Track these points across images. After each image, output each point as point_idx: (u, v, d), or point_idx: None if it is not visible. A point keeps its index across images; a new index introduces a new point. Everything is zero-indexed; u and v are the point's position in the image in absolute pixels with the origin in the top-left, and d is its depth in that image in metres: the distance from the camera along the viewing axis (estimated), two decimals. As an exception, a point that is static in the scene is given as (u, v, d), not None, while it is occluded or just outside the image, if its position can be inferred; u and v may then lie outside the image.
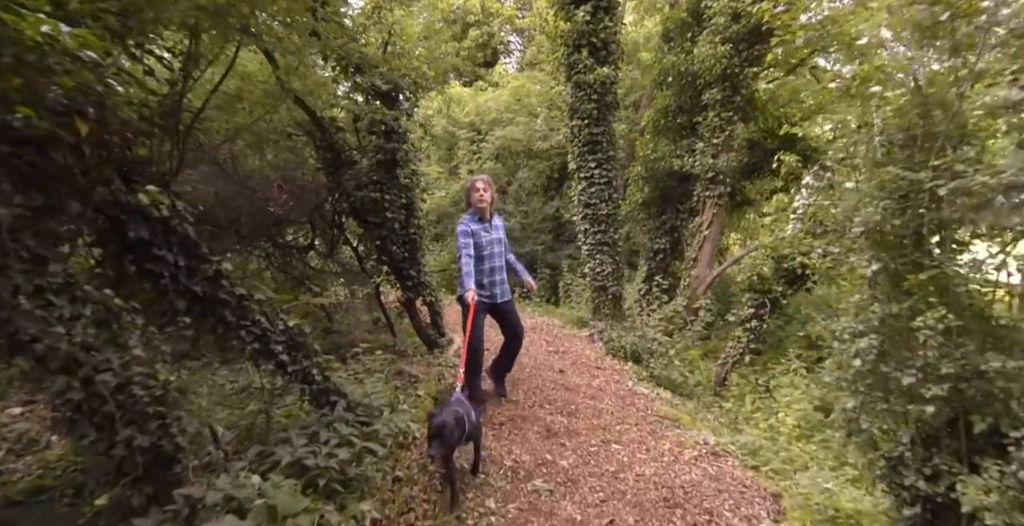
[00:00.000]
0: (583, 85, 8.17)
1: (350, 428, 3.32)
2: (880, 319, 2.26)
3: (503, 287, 4.63)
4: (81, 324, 2.08)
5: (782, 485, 3.76)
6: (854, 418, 2.47)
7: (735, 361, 7.05)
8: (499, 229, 4.62)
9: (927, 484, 2.21)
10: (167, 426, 2.22)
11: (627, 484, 3.74)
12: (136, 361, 2.21)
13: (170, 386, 2.29)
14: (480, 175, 4.45)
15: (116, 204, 2.50)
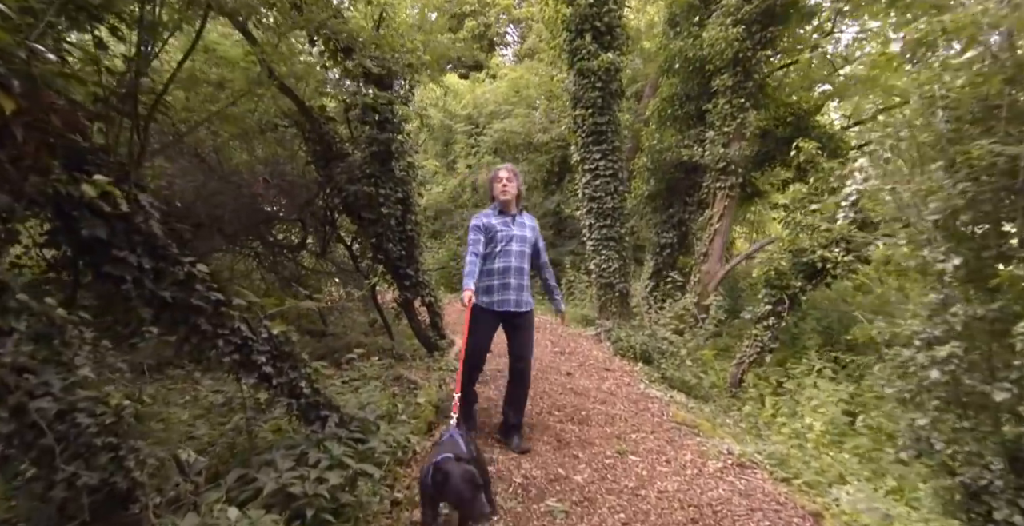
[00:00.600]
0: (587, 72, 7.81)
1: (343, 447, 2.98)
2: (963, 323, 1.92)
3: (519, 294, 3.73)
4: (13, 340, 1.73)
5: (820, 502, 3.43)
6: (924, 437, 2.13)
7: (752, 361, 6.73)
8: (527, 228, 3.84)
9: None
10: (121, 459, 1.88)
11: (649, 503, 3.42)
12: (82, 383, 1.87)
13: (124, 412, 1.94)
14: (504, 164, 3.86)
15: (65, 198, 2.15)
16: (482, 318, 3.68)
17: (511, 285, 3.69)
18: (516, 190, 3.79)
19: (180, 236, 2.91)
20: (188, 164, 5.10)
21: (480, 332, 3.73)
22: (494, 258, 3.68)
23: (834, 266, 6.01)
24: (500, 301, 3.69)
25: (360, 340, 6.56)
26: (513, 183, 3.76)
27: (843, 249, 5.98)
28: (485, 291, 3.70)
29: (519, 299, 3.73)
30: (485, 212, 3.82)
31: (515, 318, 3.80)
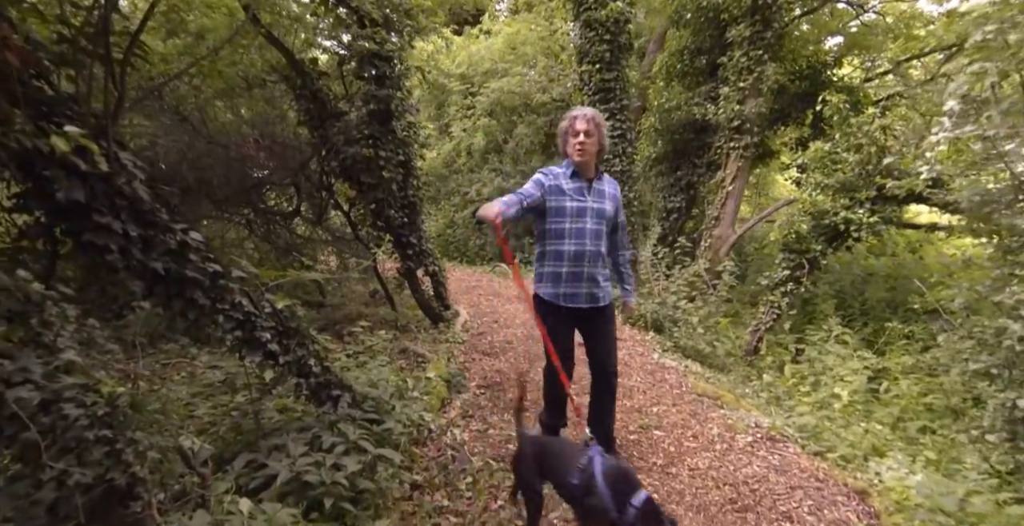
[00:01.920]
0: (593, 24, 7.38)
1: (358, 429, 2.78)
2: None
3: (593, 286, 2.86)
4: (-21, 322, 1.47)
5: (862, 478, 3.32)
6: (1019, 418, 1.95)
7: (767, 327, 6.60)
8: (606, 198, 2.85)
9: None
10: (118, 453, 1.65)
11: (682, 481, 3.28)
12: (68, 369, 1.62)
13: (118, 400, 1.70)
14: (582, 108, 2.81)
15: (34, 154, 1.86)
16: (552, 311, 2.86)
17: (583, 274, 2.82)
18: (597, 146, 2.79)
19: (166, 201, 2.62)
20: (170, 122, 4.73)
21: (560, 337, 2.89)
22: (563, 237, 2.79)
23: (858, 228, 5.81)
24: (568, 295, 2.84)
25: (360, 311, 6.34)
26: (594, 138, 2.74)
27: (868, 210, 5.78)
28: (551, 278, 2.86)
29: (594, 292, 2.87)
30: (554, 169, 2.85)
31: (594, 316, 2.95)
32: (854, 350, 5.53)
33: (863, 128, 5.60)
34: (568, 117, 2.83)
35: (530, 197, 2.66)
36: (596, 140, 2.77)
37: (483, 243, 14.07)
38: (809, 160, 6.67)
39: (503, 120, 14.34)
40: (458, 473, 3.19)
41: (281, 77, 5.07)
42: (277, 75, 5.07)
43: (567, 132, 2.81)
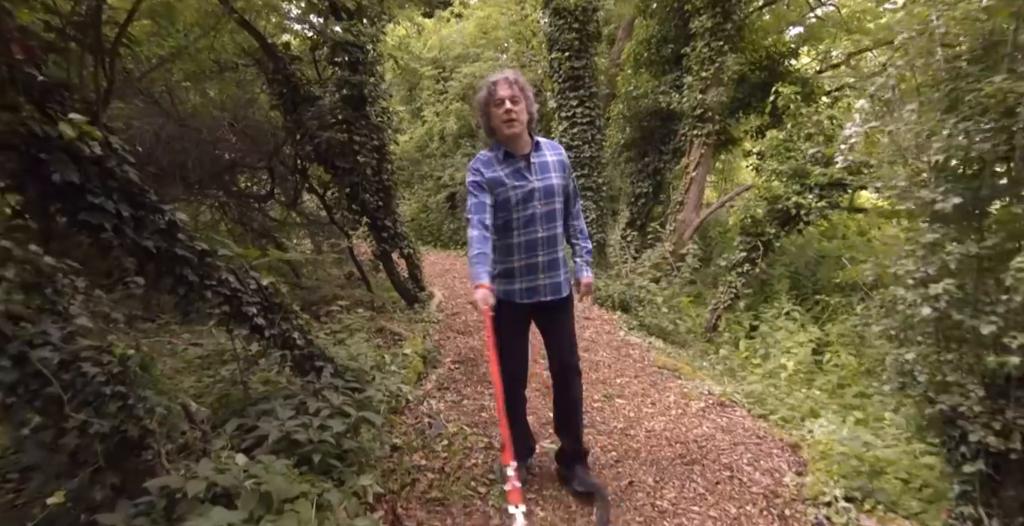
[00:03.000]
0: (563, 12, 7.57)
1: (341, 396, 3.01)
2: (957, 261, 2.04)
3: (551, 276, 2.53)
4: (3, 289, 1.65)
5: (796, 434, 3.70)
6: (908, 371, 2.30)
7: (726, 306, 7.00)
8: (551, 170, 2.44)
9: (996, 439, 2.08)
10: (130, 407, 1.85)
11: (639, 441, 3.60)
12: (82, 332, 1.81)
13: (129, 361, 1.90)
14: (501, 72, 2.35)
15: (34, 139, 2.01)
16: (505, 316, 2.44)
17: (540, 264, 2.48)
18: (528, 113, 2.34)
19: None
20: (142, 105, 4.78)
21: (511, 338, 2.55)
22: (510, 229, 2.46)
23: (807, 212, 6.22)
24: (526, 290, 2.51)
25: (336, 293, 6.48)
26: (521, 105, 2.29)
27: (816, 195, 6.18)
28: (504, 275, 2.53)
29: (553, 283, 2.54)
30: (484, 156, 2.44)
31: (550, 308, 2.61)
32: (801, 325, 5.96)
33: (812, 118, 5.96)
34: (485, 85, 2.34)
35: (487, 220, 2.32)
36: (524, 107, 2.31)
37: (456, 227, 14.26)
38: (766, 148, 7.03)
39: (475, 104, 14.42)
40: (434, 437, 3.45)
41: (253, 61, 5.15)
42: (249, 59, 5.14)
43: (488, 103, 2.32)
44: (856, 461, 3.04)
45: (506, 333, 2.46)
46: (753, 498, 2.92)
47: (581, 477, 2.84)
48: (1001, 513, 2.16)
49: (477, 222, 2.32)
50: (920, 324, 2.22)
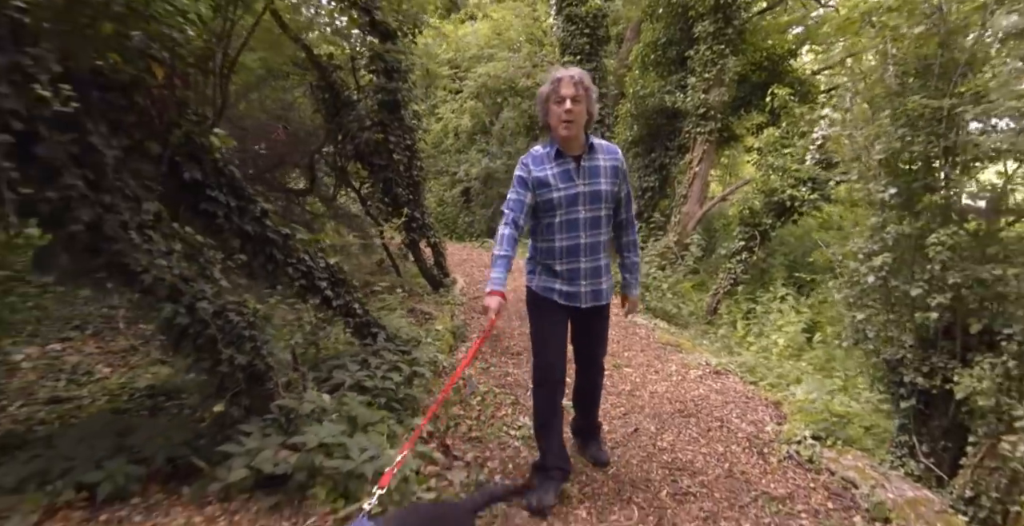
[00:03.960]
0: (574, 18, 8.08)
1: (394, 355, 3.60)
2: (894, 239, 2.58)
3: (593, 283, 2.43)
4: (175, 258, 2.24)
5: (779, 395, 4.24)
6: (861, 329, 2.84)
7: (726, 291, 7.53)
8: (601, 175, 2.34)
9: (924, 379, 2.62)
10: (258, 348, 2.44)
11: (643, 400, 4.17)
12: (225, 291, 2.40)
13: (257, 314, 2.49)
14: (568, 69, 2.27)
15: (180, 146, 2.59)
16: (544, 311, 2.47)
17: (581, 270, 2.39)
18: (585, 113, 2.25)
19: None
20: (204, 112, 5.37)
21: (547, 332, 2.50)
22: (553, 231, 2.37)
23: (801, 204, 6.72)
24: (567, 293, 2.42)
25: (367, 280, 7.08)
26: (582, 105, 2.22)
27: (809, 188, 6.68)
28: (544, 271, 2.46)
29: (595, 290, 2.44)
30: (536, 152, 2.39)
31: (588, 315, 2.52)
32: (793, 308, 6.48)
33: (805, 117, 6.45)
34: (551, 80, 2.27)
35: (520, 219, 2.31)
36: (584, 108, 2.23)
37: (472, 220, 14.83)
38: (763, 144, 7.52)
39: (489, 103, 14.93)
40: (469, 395, 4.03)
41: (301, 70, 5.72)
42: (297, 68, 5.71)
43: (549, 99, 2.27)
44: (827, 413, 3.58)
45: (542, 326, 2.48)
46: (738, 441, 3.48)
47: (593, 452, 2.98)
48: (928, 439, 2.70)
49: (511, 220, 2.28)
50: (869, 291, 2.77)
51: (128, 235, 1.99)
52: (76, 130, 1.87)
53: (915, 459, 2.74)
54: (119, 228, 1.97)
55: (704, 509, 2.66)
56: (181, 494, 2.21)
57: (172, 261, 2.20)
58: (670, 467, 3.09)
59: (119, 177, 1.99)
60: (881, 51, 2.93)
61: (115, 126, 2.04)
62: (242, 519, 2.09)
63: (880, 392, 3.13)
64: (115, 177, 1.97)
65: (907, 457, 2.78)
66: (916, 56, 2.77)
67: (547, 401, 2.56)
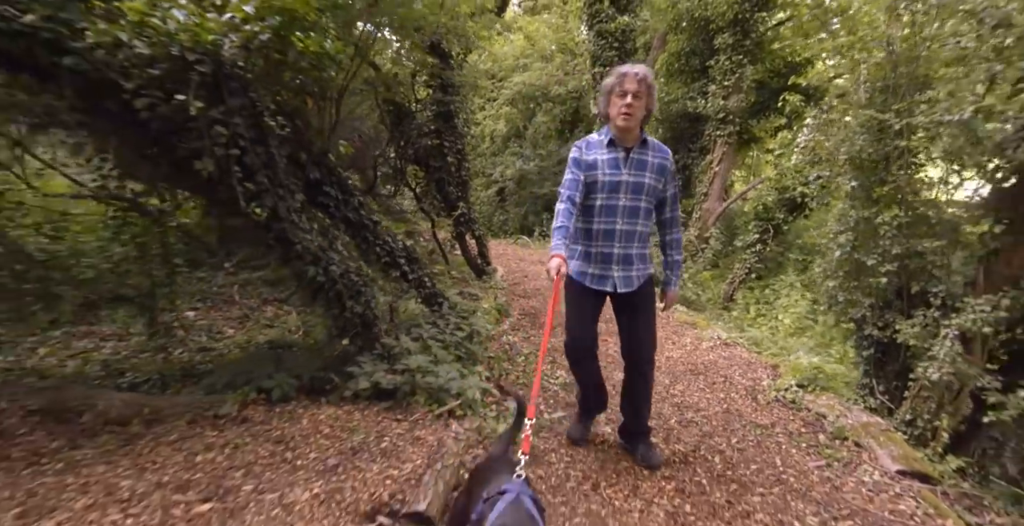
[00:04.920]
0: (604, 33, 8.78)
1: (457, 319, 4.41)
2: (855, 221, 3.25)
3: (625, 269, 2.49)
4: (314, 233, 3.08)
5: (778, 360, 4.90)
6: (834, 294, 3.51)
7: (741, 280, 8.14)
8: (647, 170, 2.42)
9: (880, 332, 3.28)
10: (369, 301, 3.27)
11: (660, 362, 4.87)
12: (346, 258, 3.24)
13: (368, 276, 3.32)
14: (633, 65, 2.37)
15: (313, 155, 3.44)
16: (576, 294, 2.57)
17: (614, 256, 2.46)
18: (644, 110, 2.36)
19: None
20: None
21: (577, 314, 2.60)
22: (592, 214, 2.46)
23: (811, 199, 7.29)
24: (597, 276, 2.50)
25: (421, 267, 7.95)
26: (642, 101, 2.32)
27: (819, 186, 7.25)
28: (580, 256, 2.55)
29: (626, 276, 2.49)
30: (592, 138, 2.49)
31: (626, 300, 2.56)
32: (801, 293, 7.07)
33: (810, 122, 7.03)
34: (616, 73, 2.35)
35: (578, 193, 2.38)
36: (644, 104, 2.33)
37: (506, 219, 15.64)
38: (778, 145, 8.10)
39: (523, 108, 15.72)
40: (514, 355, 4.81)
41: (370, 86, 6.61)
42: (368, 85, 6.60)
43: (612, 91, 2.36)
44: (815, 371, 4.24)
45: (573, 304, 2.60)
46: (737, 390, 4.17)
47: (643, 453, 2.78)
48: (884, 380, 3.37)
49: (567, 197, 2.37)
50: (838, 263, 3.45)
51: (290, 216, 2.83)
52: (264, 144, 2.73)
53: (873, 396, 3.40)
54: (285, 211, 2.81)
55: (703, 431, 3.37)
56: (322, 400, 3.06)
57: (313, 236, 3.04)
58: (679, 406, 3.82)
59: (285, 177, 2.84)
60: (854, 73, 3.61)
61: (283, 141, 2.89)
62: (368, 415, 2.93)
63: (850, 347, 3.78)
64: (283, 177, 2.82)
65: (868, 395, 3.44)
66: (879, 78, 3.43)
67: (578, 357, 2.67)
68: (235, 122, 2.48)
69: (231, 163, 2.57)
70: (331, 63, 2.76)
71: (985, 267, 2.82)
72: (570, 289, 2.60)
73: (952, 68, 3.13)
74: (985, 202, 2.91)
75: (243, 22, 2.36)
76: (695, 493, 2.58)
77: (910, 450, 2.94)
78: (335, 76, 3.33)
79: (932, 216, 2.96)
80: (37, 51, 2.15)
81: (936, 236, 2.98)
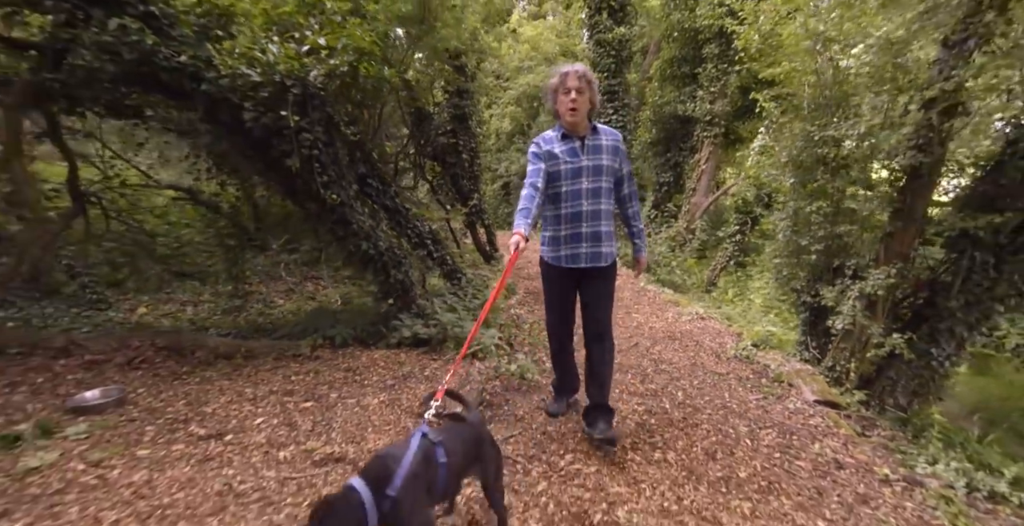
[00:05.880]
0: (603, 43, 9.51)
1: (473, 291, 5.21)
2: (793, 210, 4.03)
3: (594, 245, 2.63)
4: (366, 215, 3.87)
5: (743, 330, 5.70)
6: (780, 270, 4.30)
7: (722, 267, 8.92)
8: (603, 153, 2.58)
9: (811, 299, 4.07)
10: (407, 271, 4.07)
11: (644, 331, 5.68)
12: (389, 236, 4.03)
13: (405, 251, 4.12)
14: (573, 64, 2.54)
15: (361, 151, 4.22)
16: (552, 277, 2.76)
17: (583, 234, 2.62)
18: (589, 103, 2.53)
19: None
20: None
21: (557, 298, 2.79)
22: (559, 201, 2.62)
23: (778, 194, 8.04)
24: (569, 256, 2.64)
25: (435, 253, 8.75)
26: (585, 95, 2.49)
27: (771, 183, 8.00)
28: (551, 242, 2.71)
29: (595, 251, 2.64)
30: (547, 134, 2.65)
31: (590, 274, 2.71)
32: (773, 277, 7.85)
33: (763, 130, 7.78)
34: (558, 74, 2.53)
35: (538, 183, 2.49)
36: (588, 98, 2.50)
37: (510, 211, 16.43)
38: (755, 146, 8.84)
39: (527, 108, 16.46)
40: (520, 323, 5.61)
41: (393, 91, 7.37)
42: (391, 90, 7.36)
43: (556, 90, 2.53)
44: (768, 335, 5.04)
45: (552, 293, 2.79)
46: (705, 351, 4.97)
47: (602, 429, 2.75)
48: (815, 337, 4.17)
49: (529, 184, 2.49)
50: (781, 244, 4.23)
51: (349, 202, 3.62)
52: (333, 146, 3.51)
53: (807, 350, 4.20)
54: (346, 197, 3.60)
55: (671, 376, 4.17)
56: (373, 346, 3.86)
57: (365, 217, 3.84)
58: (655, 360, 4.62)
59: (346, 171, 3.62)
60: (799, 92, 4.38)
61: (343, 141, 3.68)
62: (411, 356, 3.74)
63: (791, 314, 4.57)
64: (345, 171, 3.60)
65: (804, 350, 4.24)
66: (814, 96, 4.20)
67: (558, 345, 2.99)
68: (316, 130, 3.27)
69: (312, 161, 3.36)
70: (385, 84, 3.54)
71: (884, 246, 3.60)
72: (547, 274, 2.77)
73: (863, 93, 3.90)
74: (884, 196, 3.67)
75: (328, 57, 3.14)
76: (659, 412, 3.39)
77: (827, 387, 3.75)
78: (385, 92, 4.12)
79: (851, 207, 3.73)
80: (184, 81, 2.94)
81: (852, 222, 3.75)
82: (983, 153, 3.35)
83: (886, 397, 3.68)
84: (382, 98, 4.30)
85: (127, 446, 2.36)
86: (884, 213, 3.52)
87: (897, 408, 3.61)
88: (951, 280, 3.48)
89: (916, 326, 3.71)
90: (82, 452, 2.28)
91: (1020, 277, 3.31)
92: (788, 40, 4.15)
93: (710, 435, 3.13)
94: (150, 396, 2.86)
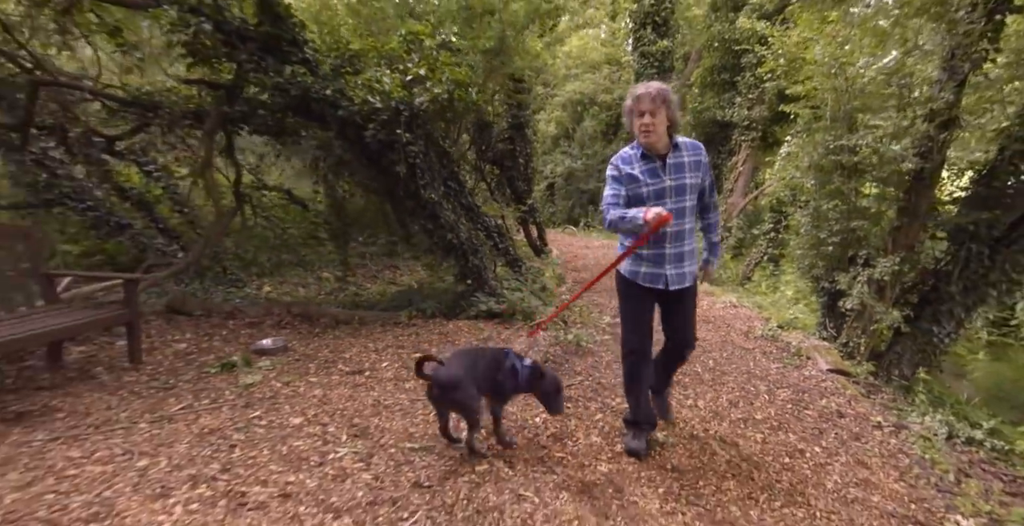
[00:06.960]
0: (647, 55, 10.06)
1: (532, 277, 5.93)
2: (814, 208, 4.57)
3: (676, 267, 2.52)
4: (450, 211, 4.64)
5: (769, 315, 6.21)
6: (803, 260, 4.84)
7: (757, 262, 9.34)
8: (685, 170, 2.45)
9: (829, 285, 4.59)
10: (482, 257, 4.82)
11: (681, 315, 6.26)
12: (469, 229, 4.79)
13: (480, 241, 4.87)
14: (647, 84, 2.41)
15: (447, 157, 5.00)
16: (632, 294, 2.62)
17: (667, 256, 2.50)
18: (666, 122, 2.39)
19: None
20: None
21: (635, 314, 2.63)
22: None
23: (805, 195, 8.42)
24: (651, 275, 2.54)
25: (491, 247, 9.52)
26: (660, 116, 2.36)
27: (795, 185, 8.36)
28: (633, 256, 2.58)
29: (678, 273, 2.53)
30: (625, 153, 2.53)
31: (676, 296, 2.61)
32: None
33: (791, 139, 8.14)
34: (632, 96, 2.42)
35: (619, 205, 2.43)
36: (664, 117, 2.37)
37: (555, 211, 17.09)
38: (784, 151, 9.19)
39: (572, 113, 17.07)
40: (571, 306, 6.29)
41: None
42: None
43: (631, 112, 2.43)
44: (793, 318, 5.56)
45: (633, 311, 2.62)
46: (735, 331, 5.53)
47: (659, 405, 3.01)
48: (833, 319, 4.69)
49: (610, 204, 2.43)
50: (803, 238, 4.77)
51: (440, 200, 4.39)
52: (429, 155, 4.29)
53: (825, 330, 4.72)
54: (437, 196, 4.38)
55: (704, 349, 4.78)
56: (455, 319, 4.64)
57: (450, 212, 4.61)
58: (690, 338, 5.22)
59: (437, 175, 4.40)
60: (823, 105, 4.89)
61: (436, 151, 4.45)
62: (488, 325, 4.50)
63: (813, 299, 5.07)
64: (436, 175, 4.37)
65: (822, 330, 4.77)
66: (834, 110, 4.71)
67: (634, 368, 2.67)
68: (419, 143, 4.05)
69: (415, 167, 4.15)
70: (474, 105, 4.29)
71: (892, 238, 4.09)
72: (627, 292, 2.63)
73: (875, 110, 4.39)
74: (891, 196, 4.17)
75: (432, 86, 3.93)
76: (692, 375, 4.02)
77: (840, 360, 4.29)
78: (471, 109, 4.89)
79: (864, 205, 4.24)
80: (326, 109, 3.77)
81: (864, 218, 4.26)
82: (977, 160, 3.82)
83: (892, 369, 4.18)
84: (465, 116, 5.06)
85: (301, 375, 3.21)
86: (891, 210, 4.03)
87: (901, 378, 4.11)
88: (951, 269, 3.96)
89: (921, 309, 4.19)
90: (275, 376, 3.14)
91: (1011, 266, 3.78)
92: (809, 62, 4.68)
93: (734, 391, 3.76)
94: (301, 346, 3.73)
